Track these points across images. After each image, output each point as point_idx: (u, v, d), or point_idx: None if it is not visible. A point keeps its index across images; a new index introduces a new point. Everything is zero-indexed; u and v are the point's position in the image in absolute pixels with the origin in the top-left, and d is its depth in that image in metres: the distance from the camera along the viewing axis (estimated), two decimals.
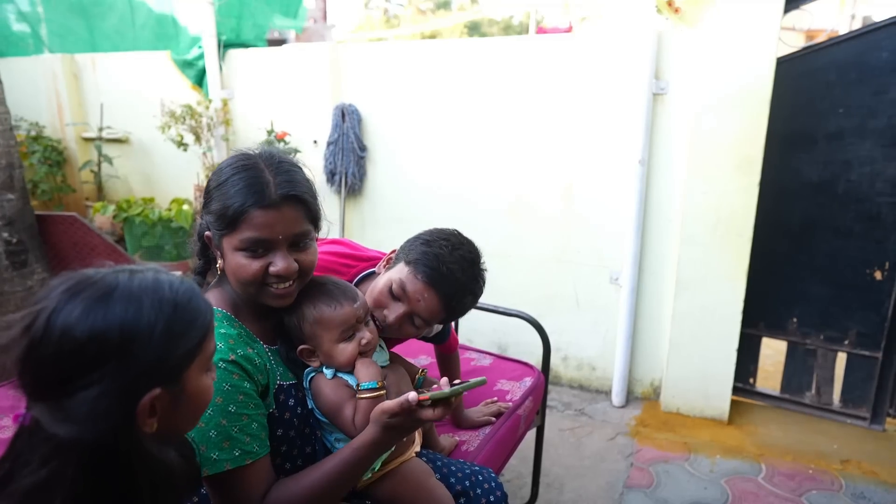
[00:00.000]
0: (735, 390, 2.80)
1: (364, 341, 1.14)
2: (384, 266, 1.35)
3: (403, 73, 3.08)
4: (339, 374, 1.14)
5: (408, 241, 1.33)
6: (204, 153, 3.39)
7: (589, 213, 2.86)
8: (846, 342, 2.67)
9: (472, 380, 1.03)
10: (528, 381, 1.97)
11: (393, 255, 1.35)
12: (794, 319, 2.75)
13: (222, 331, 1.03)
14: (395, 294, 1.24)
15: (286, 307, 1.11)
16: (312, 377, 1.15)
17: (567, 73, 2.77)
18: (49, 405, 0.66)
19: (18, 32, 4.48)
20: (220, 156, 3.50)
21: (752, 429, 2.71)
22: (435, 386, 1.03)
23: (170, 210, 3.42)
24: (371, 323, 1.20)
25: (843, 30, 4.84)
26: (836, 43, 2.47)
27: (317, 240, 1.15)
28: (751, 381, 2.89)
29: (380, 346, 1.28)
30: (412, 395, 0.96)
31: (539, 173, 2.92)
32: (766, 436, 2.66)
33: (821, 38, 2.71)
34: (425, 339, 1.58)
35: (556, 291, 3.00)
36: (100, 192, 3.95)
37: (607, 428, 2.76)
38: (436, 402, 0.98)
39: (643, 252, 2.79)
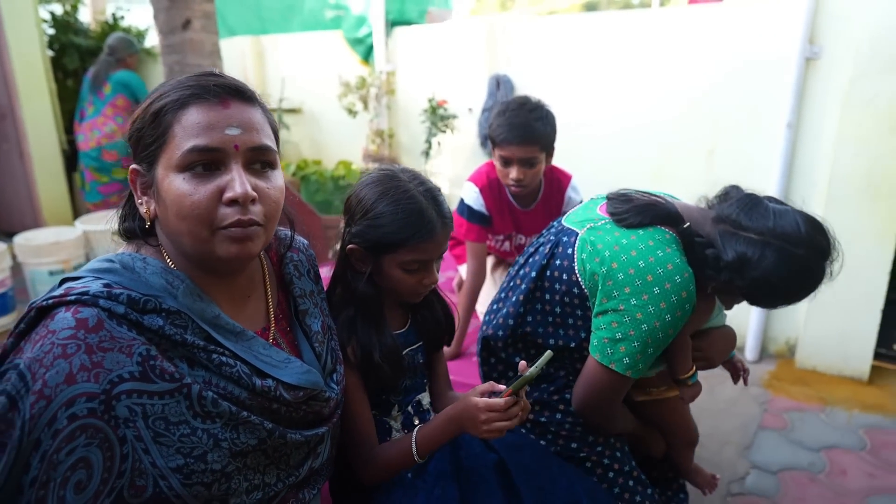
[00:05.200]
0: (876, 356, 2.84)
1: None
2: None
3: (556, 45, 3.34)
4: None
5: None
6: (371, 120, 3.87)
7: (731, 176, 2.93)
8: None
9: (542, 358, 1.03)
10: None
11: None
12: None
13: None
14: (505, 162, 1.89)
15: None
16: None
17: (716, 41, 2.90)
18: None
19: None
20: (384, 123, 3.97)
21: (894, 389, 2.75)
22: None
23: (339, 170, 3.95)
24: None
25: None
26: None
27: None
28: (895, 346, 2.91)
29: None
30: (503, 396, 1.01)
31: (682, 139, 3.08)
32: None
33: None
34: None
35: None
36: None
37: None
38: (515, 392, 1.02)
39: None
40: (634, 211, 1.21)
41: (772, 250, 1.10)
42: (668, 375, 1.36)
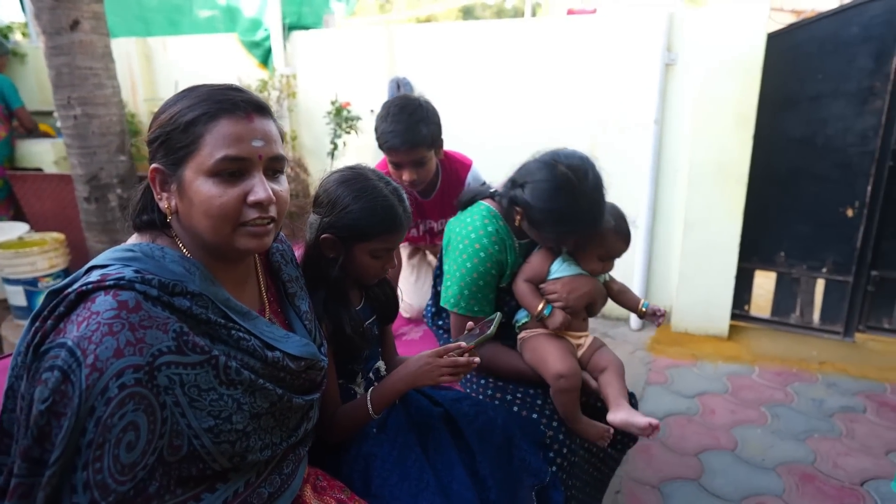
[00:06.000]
0: (733, 316, 3.36)
1: None
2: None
3: (450, 50, 3.58)
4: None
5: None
6: None
7: (610, 166, 3.31)
8: (824, 270, 3.23)
9: (494, 320, 1.28)
10: None
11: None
12: (782, 253, 3.31)
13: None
14: (396, 166, 2.00)
15: None
16: None
17: (592, 48, 3.29)
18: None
19: None
20: (286, 125, 4.01)
21: (747, 342, 3.28)
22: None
23: None
24: None
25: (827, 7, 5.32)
26: (816, 20, 3.00)
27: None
28: (746, 307, 3.45)
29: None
30: (465, 347, 1.23)
31: (566, 136, 3.43)
32: (759, 348, 3.22)
33: (804, 16, 3.24)
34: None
35: None
36: None
37: (628, 345, 3.32)
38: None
39: (657, 198, 3.34)
40: (469, 193, 1.71)
41: (536, 164, 1.57)
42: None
